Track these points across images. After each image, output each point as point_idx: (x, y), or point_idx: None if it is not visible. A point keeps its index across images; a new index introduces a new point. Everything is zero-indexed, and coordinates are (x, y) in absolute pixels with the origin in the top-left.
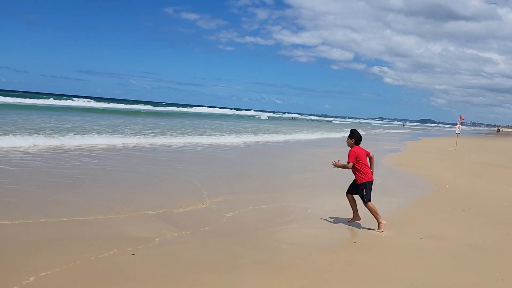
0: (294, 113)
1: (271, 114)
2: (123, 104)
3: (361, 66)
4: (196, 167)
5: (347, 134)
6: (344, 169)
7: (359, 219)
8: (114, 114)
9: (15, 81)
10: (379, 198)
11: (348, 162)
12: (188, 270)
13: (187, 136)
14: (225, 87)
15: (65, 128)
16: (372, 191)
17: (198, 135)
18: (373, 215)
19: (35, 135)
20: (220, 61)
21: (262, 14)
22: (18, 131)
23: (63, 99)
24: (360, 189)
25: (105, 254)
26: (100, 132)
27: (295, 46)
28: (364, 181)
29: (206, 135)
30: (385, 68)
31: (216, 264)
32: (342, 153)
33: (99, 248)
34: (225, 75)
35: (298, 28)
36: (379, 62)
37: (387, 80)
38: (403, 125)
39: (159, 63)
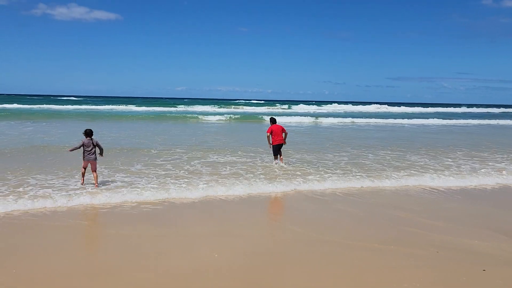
0: None
1: None
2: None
3: None
4: None
5: None
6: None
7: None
8: None
9: (335, 93)
10: None
11: (267, 133)
12: None
13: None
14: None
15: None
16: None
17: None
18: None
19: None
20: None
21: None
22: None
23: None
24: (274, 147)
25: (451, 264)
26: None
27: None
28: (274, 144)
29: None
30: None
31: None
32: None
33: (445, 258)
34: None
35: None
36: None
37: None
38: None
39: (475, 61)
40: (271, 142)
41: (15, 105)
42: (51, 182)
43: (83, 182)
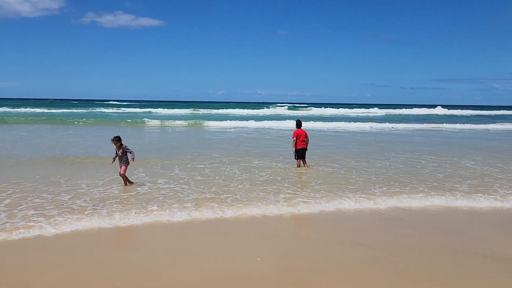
0: None
1: None
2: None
3: None
4: None
5: None
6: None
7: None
8: None
9: (378, 95)
10: None
11: (292, 138)
12: None
13: None
14: None
15: None
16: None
17: None
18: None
19: None
20: None
21: None
22: None
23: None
24: (297, 151)
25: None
26: None
27: None
28: (298, 148)
29: None
30: None
31: None
32: None
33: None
34: None
35: None
36: None
37: None
38: None
39: None
40: (295, 146)
41: (53, 110)
42: (96, 188)
43: (126, 183)
